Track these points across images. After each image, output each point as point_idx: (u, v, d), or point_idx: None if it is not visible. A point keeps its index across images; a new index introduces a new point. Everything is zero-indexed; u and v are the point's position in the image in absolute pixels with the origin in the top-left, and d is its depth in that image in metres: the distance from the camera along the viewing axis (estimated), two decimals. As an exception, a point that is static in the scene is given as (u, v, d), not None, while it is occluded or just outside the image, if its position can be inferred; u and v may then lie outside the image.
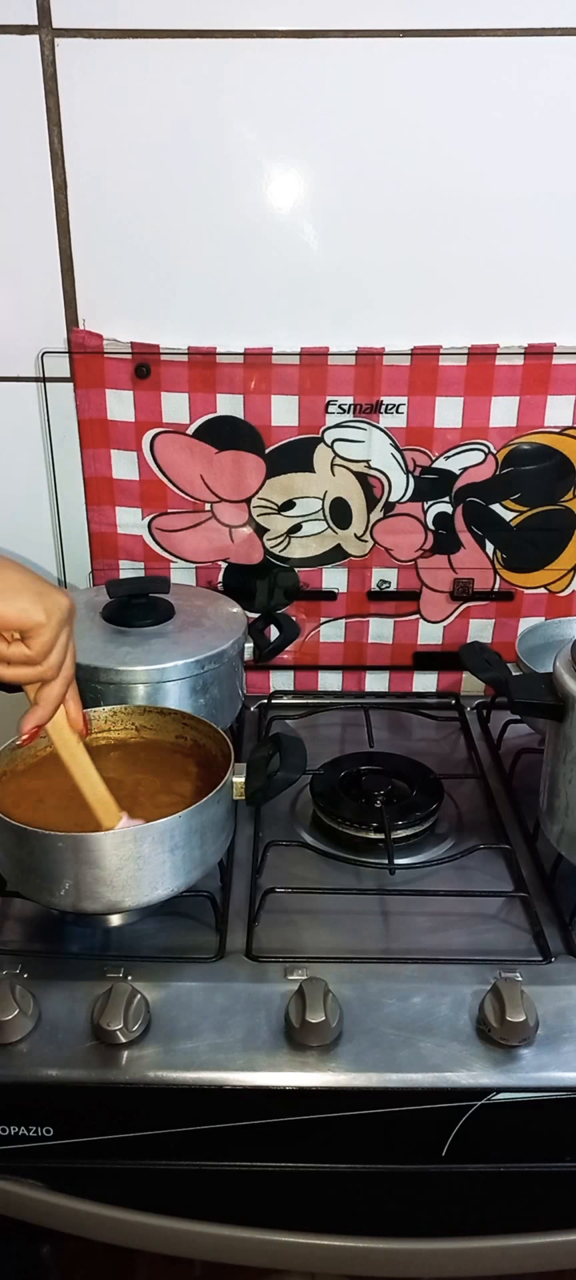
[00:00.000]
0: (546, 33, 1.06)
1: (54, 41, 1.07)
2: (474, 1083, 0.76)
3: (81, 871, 0.80)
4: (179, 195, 1.12)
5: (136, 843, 0.80)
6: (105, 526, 1.26)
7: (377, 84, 1.08)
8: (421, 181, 1.11)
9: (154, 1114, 0.78)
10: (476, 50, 1.06)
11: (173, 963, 0.84)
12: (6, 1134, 0.79)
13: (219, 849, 0.89)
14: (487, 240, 1.13)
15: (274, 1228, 0.82)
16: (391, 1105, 0.77)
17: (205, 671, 1.06)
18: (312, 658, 1.33)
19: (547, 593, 1.28)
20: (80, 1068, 0.77)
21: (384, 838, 0.98)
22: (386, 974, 0.83)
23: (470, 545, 1.26)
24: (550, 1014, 0.79)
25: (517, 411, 1.18)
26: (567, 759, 0.88)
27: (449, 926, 0.91)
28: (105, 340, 1.17)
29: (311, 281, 1.15)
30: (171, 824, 0.81)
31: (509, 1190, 0.81)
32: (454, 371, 1.17)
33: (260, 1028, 0.79)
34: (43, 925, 0.90)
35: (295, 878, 0.96)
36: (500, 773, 1.15)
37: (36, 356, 1.19)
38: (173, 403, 1.19)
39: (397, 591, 1.29)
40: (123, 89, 1.08)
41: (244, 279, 1.15)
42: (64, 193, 1.12)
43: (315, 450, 1.21)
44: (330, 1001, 0.78)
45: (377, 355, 1.16)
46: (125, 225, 1.14)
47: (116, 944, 0.88)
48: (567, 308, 1.15)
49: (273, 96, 1.08)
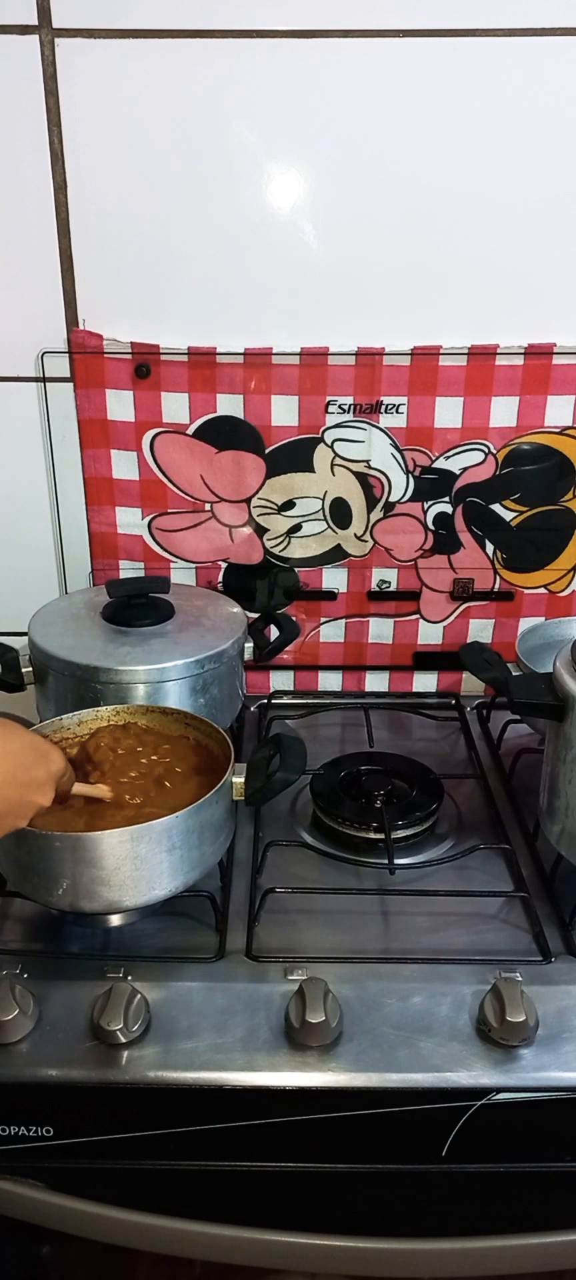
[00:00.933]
0: (546, 33, 1.06)
1: (54, 41, 1.07)
2: (474, 1083, 0.76)
3: (79, 871, 0.80)
4: (179, 195, 1.12)
5: (134, 842, 0.80)
6: (105, 526, 1.26)
7: (377, 84, 1.08)
8: (421, 181, 1.11)
9: (154, 1114, 0.78)
10: (476, 50, 1.06)
11: (173, 963, 0.85)
12: (6, 1134, 0.79)
13: (218, 849, 0.89)
14: (487, 240, 1.13)
15: (274, 1228, 0.82)
16: (391, 1105, 0.77)
17: (205, 671, 1.06)
18: (312, 658, 1.33)
19: (547, 593, 1.28)
20: (80, 1068, 0.77)
21: (384, 838, 0.98)
22: (386, 974, 0.83)
23: (470, 545, 1.26)
24: (550, 1014, 0.79)
25: (517, 411, 1.18)
26: (567, 759, 0.88)
27: (449, 926, 0.91)
28: (105, 340, 1.17)
29: (311, 281, 1.15)
30: (170, 824, 0.81)
31: (509, 1190, 0.80)
32: (454, 371, 1.17)
33: (260, 1028, 0.79)
34: (43, 925, 0.90)
35: (295, 878, 0.96)
36: (500, 773, 1.15)
37: (36, 356, 1.19)
38: (173, 403, 1.19)
39: (397, 591, 1.29)
40: (123, 89, 1.08)
41: (244, 279, 1.15)
42: (64, 193, 1.12)
43: (315, 450, 1.21)
44: (330, 1001, 0.78)
45: (377, 355, 1.16)
46: (125, 225, 1.14)
47: (116, 944, 0.88)
48: (567, 308, 1.15)
49: (273, 96, 1.08)
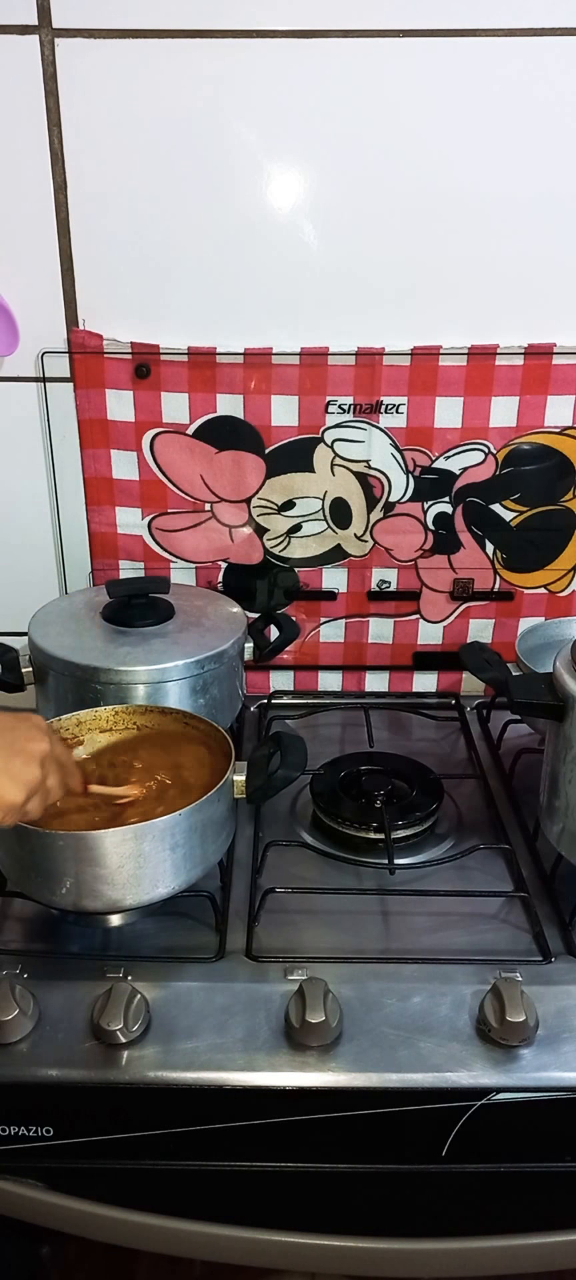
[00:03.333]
0: (546, 33, 1.06)
1: (54, 41, 1.07)
2: (474, 1083, 0.76)
3: (82, 870, 0.80)
4: (179, 195, 1.12)
5: (137, 840, 0.80)
6: (105, 526, 1.26)
7: (377, 84, 1.08)
8: (421, 181, 1.11)
9: (154, 1114, 0.78)
10: (476, 50, 1.06)
11: (173, 963, 0.85)
12: (6, 1134, 0.79)
13: (219, 848, 0.89)
14: (487, 240, 1.13)
15: (274, 1228, 0.82)
16: (391, 1105, 0.77)
17: (205, 671, 1.06)
18: (312, 658, 1.33)
19: (547, 593, 1.28)
20: (80, 1068, 0.77)
21: (384, 838, 0.98)
22: (386, 974, 0.83)
23: (470, 545, 1.26)
24: (550, 1014, 0.79)
25: (517, 411, 1.18)
26: (567, 759, 0.88)
27: (449, 926, 0.91)
28: (105, 340, 1.17)
29: (311, 281, 1.15)
30: (172, 822, 0.81)
31: (509, 1190, 0.81)
32: (454, 371, 1.17)
33: (260, 1028, 0.79)
34: (43, 925, 0.90)
35: (295, 878, 0.96)
36: (500, 773, 1.15)
37: (36, 356, 1.19)
38: (173, 403, 1.19)
39: (397, 591, 1.29)
40: (123, 89, 1.08)
41: (244, 279, 1.15)
42: (64, 193, 1.12)
43: (315, 450, 1.21)
44: (330, 1001, 0.78)
45: (377, 355, 1.16)
46: (125, 225, 1.14)
47: (116, 944, 0.88)
48: (567, 308, 1.15)
49: (273, 96, 1.08)
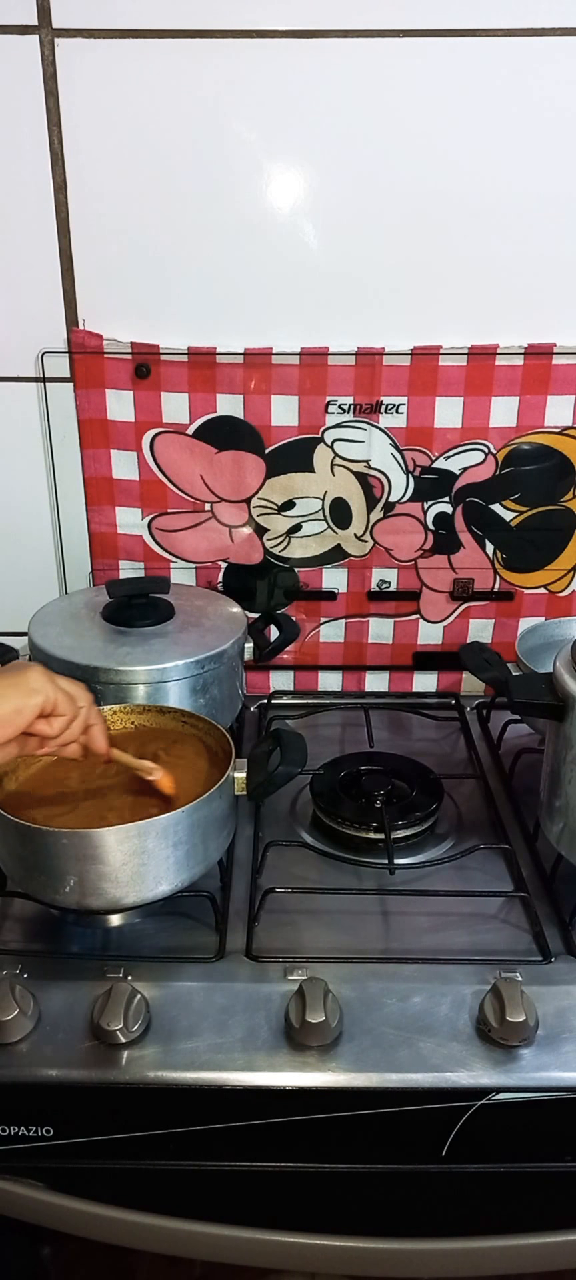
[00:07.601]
0: (546, 33, 1.06)
1: (54, 41, 1.07)
2: (474, 1083, 0.76)
3: (85, 868, 0.80)
4: (179, 195, 1.12)
5: (140, 838, 0.80)
6: (105, 526, 1.26)
7: (378, 84, 1.08)
8: (421, 181, 1.11)
9: (154, 1114, 0.78)
10: (476, 50, 1.06)
11: (173, 963, 0.84)
12: (6, 1134, 0.79)
13: (220, 845, 0.89)
14: (487, 240, 1.13)
15: (274, 1228, 0.82)
16: (391, 1105, 0.77)
17: (205, 671, 1.06)
18: (313, 658, 1.33)
19: (547, 593, 1.28)
20: (80, 1068, 0.77)
21: (384, 838, 0.98)
22: (386, 974, 0.83)
23: (470, 545, 1.26)
24: (550, 1014, 0.79)
25: (517, 411, 1.18)
26: (567, 759, 0.88)
27: (449, 926, 0.91)
28: (105, 340, 1.17)
29: (311, 281, 1.15)
30: (174, 819, 0.81)
31: (509, 1190, 0.80)
32: (454, 371, 1.17)
33: (260, 1028, 0.79)
34: (43, 925, 0.90)
35: (295, 878, 0.96)
36: (500, 773, 1.15)
37: (36, 356, 1.19)
38: (173, 403, 1.19)
39: (397, 591, 1.29)
40: (123, 89, 1.08)
41: (244, 279, 1.15)
42: (64, 193, 1.12)
43: (315, 450, 1.21)
44: (330, 1001, 0.78)
45: (377, 355, 1.16)
46: (125, 225, 1.14)
47: (116, 944, 0.88)
48: (567, 308, 1.15)
49: (273, 96, 1.08)
